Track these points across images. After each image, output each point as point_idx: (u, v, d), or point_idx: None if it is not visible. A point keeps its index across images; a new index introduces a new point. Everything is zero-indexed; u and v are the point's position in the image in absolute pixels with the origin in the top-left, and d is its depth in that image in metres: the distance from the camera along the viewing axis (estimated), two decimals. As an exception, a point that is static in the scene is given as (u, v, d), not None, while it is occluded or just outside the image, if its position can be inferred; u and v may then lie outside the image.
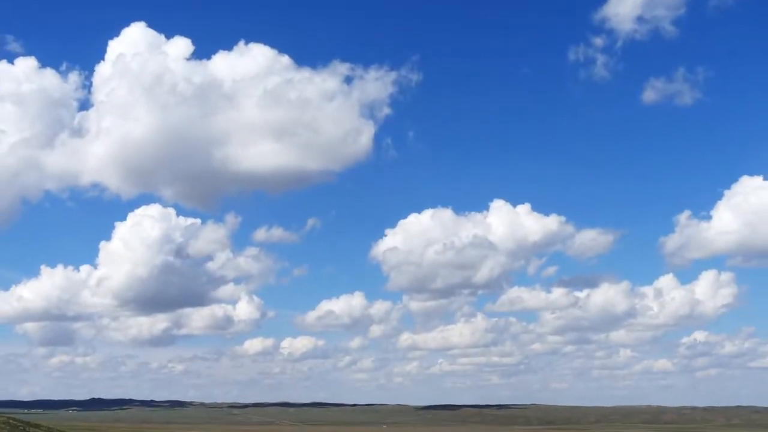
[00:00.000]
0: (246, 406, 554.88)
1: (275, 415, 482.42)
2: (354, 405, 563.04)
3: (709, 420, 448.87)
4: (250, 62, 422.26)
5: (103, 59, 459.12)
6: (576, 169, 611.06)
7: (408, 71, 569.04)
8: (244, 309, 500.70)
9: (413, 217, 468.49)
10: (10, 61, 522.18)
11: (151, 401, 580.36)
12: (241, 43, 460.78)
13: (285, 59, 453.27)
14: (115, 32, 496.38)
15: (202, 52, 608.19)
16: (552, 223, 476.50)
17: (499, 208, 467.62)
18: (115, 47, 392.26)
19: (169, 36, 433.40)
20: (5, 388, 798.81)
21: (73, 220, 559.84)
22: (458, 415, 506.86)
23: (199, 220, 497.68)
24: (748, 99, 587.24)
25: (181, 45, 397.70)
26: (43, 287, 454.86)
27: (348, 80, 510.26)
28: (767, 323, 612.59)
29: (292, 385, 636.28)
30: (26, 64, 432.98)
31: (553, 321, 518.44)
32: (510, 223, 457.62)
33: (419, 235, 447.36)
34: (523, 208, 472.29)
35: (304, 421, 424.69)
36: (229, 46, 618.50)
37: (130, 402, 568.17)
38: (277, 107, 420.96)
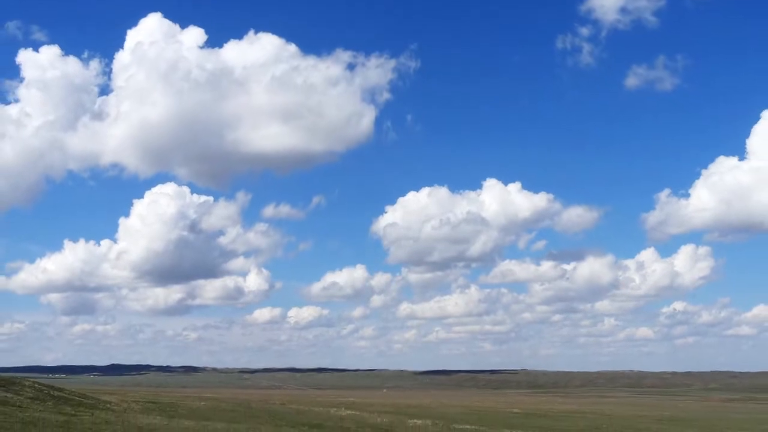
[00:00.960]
0: (255, 371, 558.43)
1: (283, 380, 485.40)
2: (356, 370, 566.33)
3: (687, 384, 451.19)
4: (259, 50, 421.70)
5: (122, 47, 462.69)
6: (563, 149, 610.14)
7: (407, 59, 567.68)
8: (254, 280, 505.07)
9: (411, 195, 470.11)
10: (36, 49, 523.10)
11: (167, 367, 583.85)
12: (251, 32, 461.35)
13: (292, 47, 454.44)
14: (133, 22, 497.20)
15: (215, 41, 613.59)
16: (541, 200, 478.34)
17: (491, 186, 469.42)
18: (133, 36, 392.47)
19: (183, 26, 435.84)
20: (31, 355, 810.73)
21: (94, 198, 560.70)
22: (453, 379, 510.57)
23: (211, 198, 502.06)
24: (724, 85, 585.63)
25: (195, 34, 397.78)
26: (66, 260, 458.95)
27: (350, 67, 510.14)
28: (742, 294, 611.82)
29: (299, 351, 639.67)
30: (50, 52, 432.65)
31: (542, 292, 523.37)
32: (502, 200, 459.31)
33: (417, 212, 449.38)
34: (514, 187, 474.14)
35: (309, 385, 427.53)
36: (239, 36, 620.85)
37: (147, 368, 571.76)
38: (284, 92, 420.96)
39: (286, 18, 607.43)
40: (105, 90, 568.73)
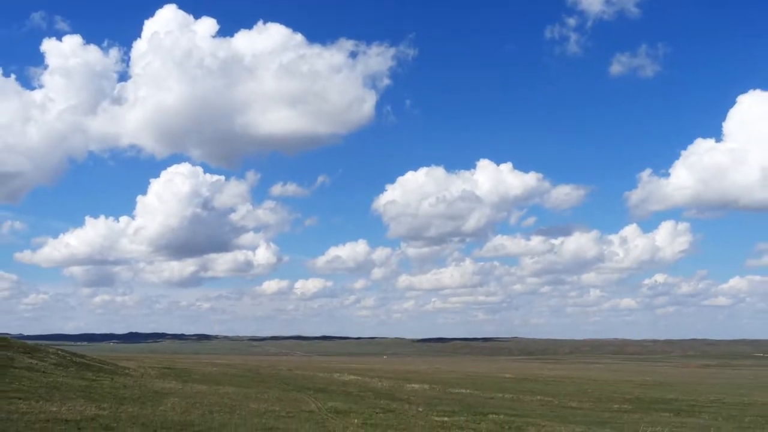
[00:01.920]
0: (264, 339, 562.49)
1: (289, 347, 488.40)
2: (358, 338, 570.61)
3: (668, 351, 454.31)
4: (267, 39, 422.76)
5: (139, 37, 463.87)
6: (552, 132, 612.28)
7: (405, 47, 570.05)
8: (263, 254, 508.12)
9: (410, 174, 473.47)
10: (59, 38, 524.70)
11: (182, 335, 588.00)
12: (260, 22, 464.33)
13: (298, 37, 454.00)
14: (150, 13, 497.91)
15: (226, 30, 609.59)
16: (531, 179, 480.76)
17: (484, 166, 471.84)
18: (150, 26, 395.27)
19: (197, 16, 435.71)
20: (54, 324, 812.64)
21: (114, 177, 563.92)
22: (449, 347, 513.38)
23: (223, 177, 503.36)
24: (702, 71, 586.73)
25: (208, 24, 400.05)
26: (88, 235, 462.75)
27: (353, 55, 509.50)
28: (719, 267, 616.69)
29: (304, 320, 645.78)
30: (72, 41, 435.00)
31: (532, 265, 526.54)
32: (494, 179, 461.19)
33: (415, 190, 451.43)
34: (506, 167, 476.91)
35: (314, 352, 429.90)
36: (249, 25, 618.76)
37: (163, 335, 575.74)
38: (291, 79, 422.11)
39: (292, 9, 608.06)
40: (123, 76, 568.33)
